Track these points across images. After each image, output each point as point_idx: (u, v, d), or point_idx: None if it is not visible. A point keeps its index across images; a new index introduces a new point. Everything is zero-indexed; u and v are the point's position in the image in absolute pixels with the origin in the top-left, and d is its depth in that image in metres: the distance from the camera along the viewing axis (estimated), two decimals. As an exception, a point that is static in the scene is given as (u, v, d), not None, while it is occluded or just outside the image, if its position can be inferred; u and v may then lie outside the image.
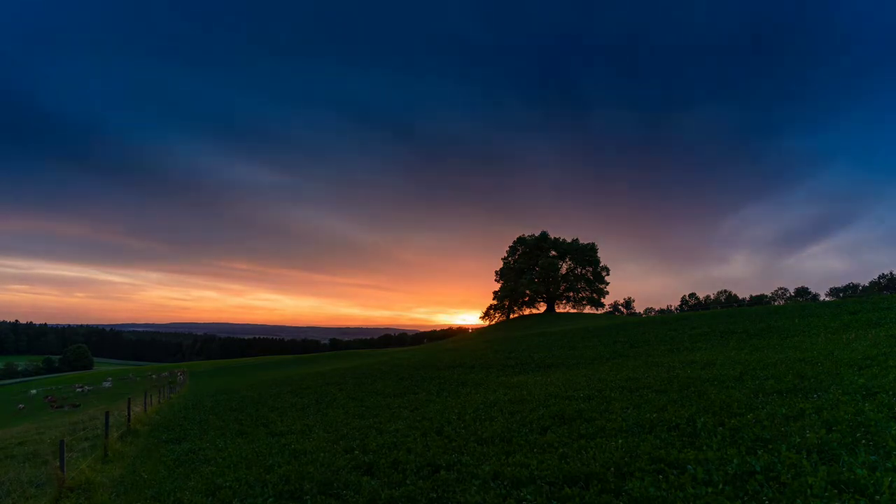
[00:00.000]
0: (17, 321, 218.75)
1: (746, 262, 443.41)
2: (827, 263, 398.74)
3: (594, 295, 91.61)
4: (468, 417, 11.27)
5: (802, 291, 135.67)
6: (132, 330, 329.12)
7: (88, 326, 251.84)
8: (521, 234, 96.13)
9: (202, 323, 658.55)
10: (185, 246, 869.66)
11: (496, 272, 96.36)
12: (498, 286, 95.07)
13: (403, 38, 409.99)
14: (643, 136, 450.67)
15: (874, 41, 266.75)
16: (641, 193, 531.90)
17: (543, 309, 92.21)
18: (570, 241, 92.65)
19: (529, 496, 6.07)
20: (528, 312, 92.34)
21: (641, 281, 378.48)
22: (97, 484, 9.49)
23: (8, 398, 53.38)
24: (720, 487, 5.44)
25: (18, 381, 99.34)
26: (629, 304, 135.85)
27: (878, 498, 4.72)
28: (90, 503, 8.58)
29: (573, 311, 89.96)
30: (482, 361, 24.54)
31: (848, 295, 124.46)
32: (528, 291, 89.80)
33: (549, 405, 11.22)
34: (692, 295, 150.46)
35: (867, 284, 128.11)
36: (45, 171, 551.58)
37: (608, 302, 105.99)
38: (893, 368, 9.99)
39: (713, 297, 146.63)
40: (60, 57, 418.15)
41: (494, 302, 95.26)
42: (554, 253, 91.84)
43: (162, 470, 10.19)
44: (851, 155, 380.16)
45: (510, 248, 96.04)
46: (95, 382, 59.94)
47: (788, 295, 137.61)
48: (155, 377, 58.51)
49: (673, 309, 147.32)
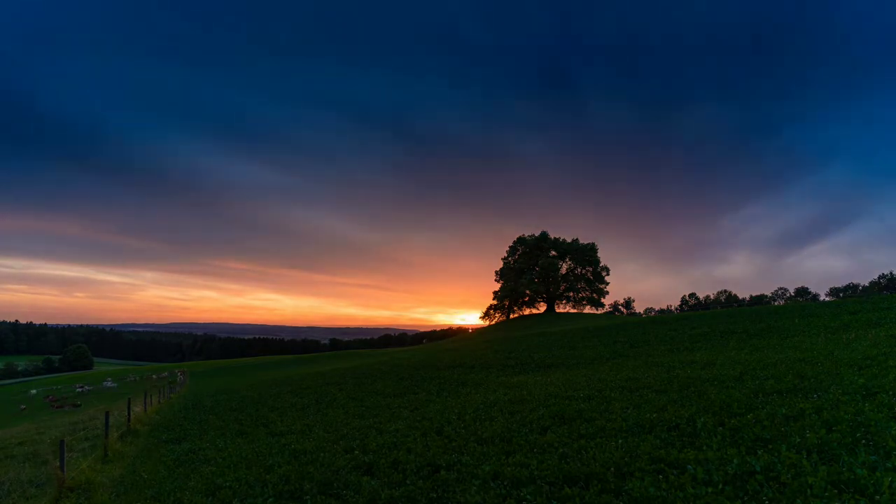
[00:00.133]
0: (17, 321, 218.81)
1: (746, 261, 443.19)
2: (827, 263, 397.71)
3: (594, 295, 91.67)
4: (468, 417, 11.27)
5: (802, 291, 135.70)
6: (132, 330, 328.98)
7: (88, 326, 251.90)
8: (521, 233, 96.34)
9: (202, 323, 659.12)
10: (183, 246, 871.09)
11: (496, 272, 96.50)
12: (498, 286, 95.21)
13: (403, 37, 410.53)
14: (643, 135, 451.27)
15: (874, 39, 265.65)
16: (641, 193, 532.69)
17: (543, 309, 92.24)
18: (570, 241, 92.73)
19: (529, 496, 6.07)
20: (528, 312, 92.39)
21: (641, 281, 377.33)
22: (97, 484, 9.49)
23: (8, 398, 53.38)
24: (720, 487, 5.44)
25: (18, 381, 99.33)
26: (629, 304, 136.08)
27: (878, 498, 4.72)
28: (90, 503, 8.58)
29: (573, 311, 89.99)
30: (482, 361, 24.54)
31: (848, 295, 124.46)
32: (528, 291, 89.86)
33: (549, 405, 11.22)
34: (692, 295, 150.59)
35: (867, 284, 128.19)
36: (43, 170, 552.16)
37: (608, 302, 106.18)
38: (893, 368, 9.99)
39: (713, 297, 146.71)
40: (60, 57, 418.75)
41: (494, 302, 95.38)
42: (554, 253, 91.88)
43: (162, 470, 10.19)
44: (851, 154, 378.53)
45: (510, 248, 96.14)
46: (95, 382, 59.95)
47: (788, 295, 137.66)
48: (155, 377, 58.51)
49: (673, 309, 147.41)
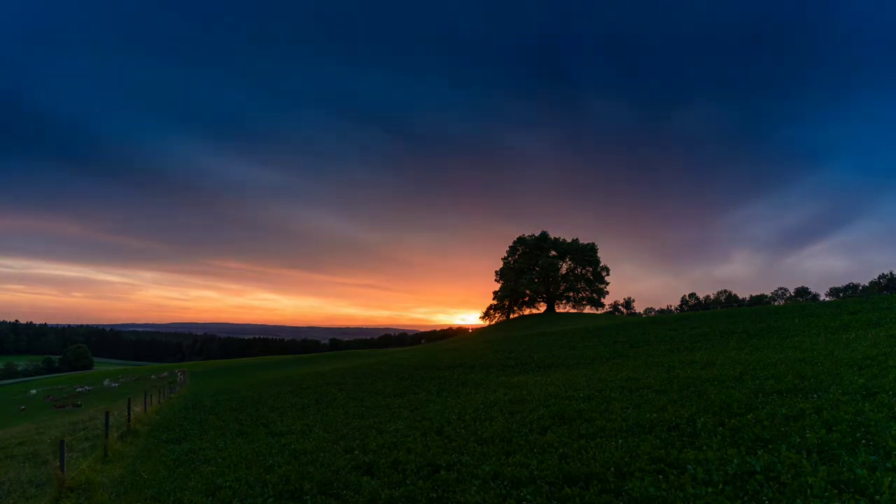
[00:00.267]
0: (17, 321, 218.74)
1: (747, 261, 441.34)
2: (827, 263, 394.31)
3: (594, 295, 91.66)
4: (468, 417, 11.27)
5: (802, 291, 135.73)
6: (132, 330, 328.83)
7: (88, 326, 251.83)
8: (520, 233, 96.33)
9: (202, 323, 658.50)
10: (183, 246, 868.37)
11: (496, 272, 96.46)
12: (498, 286, 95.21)
13: (402, 37, 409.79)
14: (643, 134, 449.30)
15: (875, 38, 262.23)
16: (641, 192, 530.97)
17: (543, 309, 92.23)
18: (570, 241, 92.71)
19: (529, 496, 6.07)
20: (528, 312, 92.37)
21: (641, 281, 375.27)
22: (97, 484, 9.49)
23: (8, 398, 53.39)
24: (720, 487, 5.44)
25: (18, 381, 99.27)
26: (629, 304, 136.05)
27: (878, 498, 4.72)
28: (90, 503, 8.58)
29: (573, 311, 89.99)
30: (482, 361, 24.54)
31: (848, 295, 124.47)
32: (528, 291, 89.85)
33: (549, 405, 11.22)
34: (692, 295, 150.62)
35: (867, 284, 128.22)
36: (42, 170, 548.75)
37: (608, 302, 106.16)
38: (893, 368, 9.99)
39: (713, 297, 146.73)
40: (59, 57, 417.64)
41: (494, 302, 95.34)
42: (554, 253, 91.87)
43: (162, 470, 10.19)
44: (852, 153, 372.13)
45: (510, 248, 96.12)
46: (95, 382, 59.95)
47: (788, 295, 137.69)
48: (155, 377, 58.52)
49: (673, 309, 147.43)
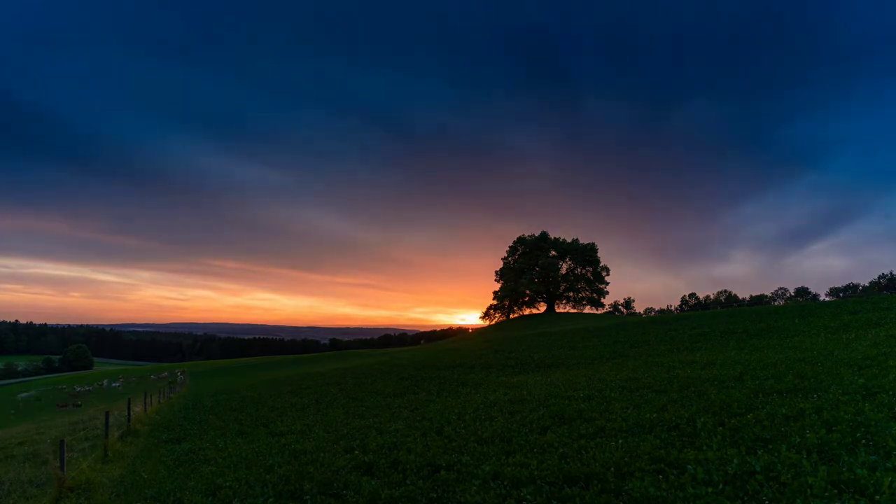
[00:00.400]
0: (16, 321, 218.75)
1: (747, 260, 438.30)
2: (828, 262, 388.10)
3: (594, 295, 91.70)
4: (468, 417, 11.27)
5: (802, 291, 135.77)
6: (132, 330, 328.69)
7: (88, 326, 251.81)
8: (520, 233, 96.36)
9: (202, 323, 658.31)
10: (180, 245, 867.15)
11: (496, 272, 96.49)
12: (498, 286, 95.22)
13: (401, 36, 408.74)
14: (642, 132, 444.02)
15: (877, 34, 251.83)
16: (641, 191, 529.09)
17: (543, 309, 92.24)
18: (570, 241, 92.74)
19: (529, 496, 6.06)
20: (528, 312, 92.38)
21: (641, 281, 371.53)
22: (97, 484, 9.49)
23: (8, 398, 53.42)
24: (720, 487, 5.44)
25: (18, 381, 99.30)
26: (629, 304, 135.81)
27: (878, 498, 4.72)
28: (90, 503, 8.58)
29: (573, 311, 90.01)
30: (482, 361, 24.54)
31: (848, 295, 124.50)
32: (528, 291, 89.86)
33: (549, 405, 11.22)
34: (692, 295, 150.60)
35: (867, 284, 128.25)
36: (40, 170, 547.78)
37: (608, 302, 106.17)
38: (893, 368, 9.99)
39: (713, 297, 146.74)
40: (57, 57, 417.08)
41: (494, 302, 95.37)
42: (554, 253, 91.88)
43: (162, 470, 10.18)
44: (854, 150, 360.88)
45: (510, 248, 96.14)
46: (93, 383, 59.94)
47: (788, 295, 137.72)
48: (155, 377, 58.51)
49: (673, 309, 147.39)
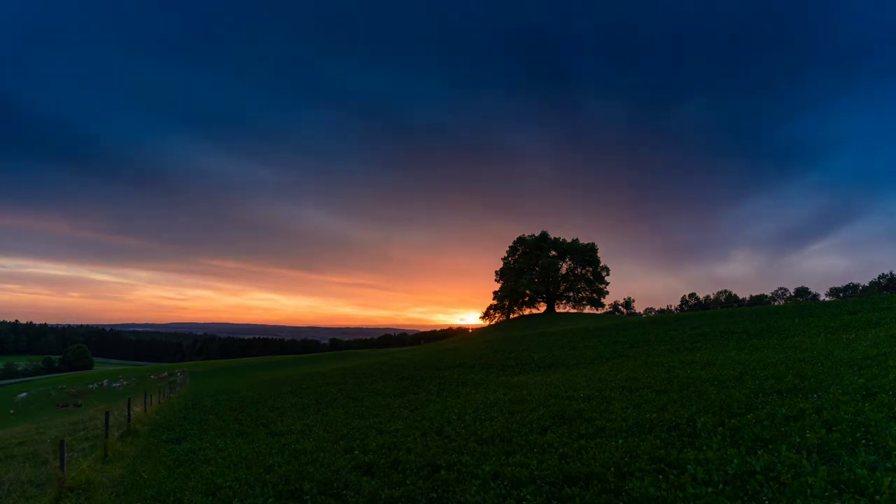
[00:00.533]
0: (17, 321, 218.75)
1: (747, 260, 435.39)
2: (829, 261, 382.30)
3: (594, 295, 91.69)
4: (468, 417, 11.27)
5: (802, 291, 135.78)
6: (132, 330, 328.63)
7: (88, 326, 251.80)
8: (520, 232, 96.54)
9: (202, 323, 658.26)
10: (177, 245, 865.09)
11: (496, 272, 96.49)
12: (498, 286, 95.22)
13: (400, 35, 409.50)
14: (641, 132, 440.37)
15: (878, 30, 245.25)
16: (641, 190, 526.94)
17: (543, 309, 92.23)
18: (570, 241, 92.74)
19: (529, 496, 6.06)
20: (528, 312, 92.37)
21: (641, 281, 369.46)
22: (97, 484, 9.49)
23: (8, 398, 53.45)
24: (720, 487, 5.44)
25: (18, 381, 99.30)
26: (629, 304, 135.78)
27: (878, 498, 4.72)
28: (90, 503, 8.58)
29: (573, 311, 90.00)
30: (482, 361, 24.54)
31: (848, 295, 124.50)
32: (528, 291, 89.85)
33: (549, 405, 11.21)
34: (692, 295, 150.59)
35: (867, 284, 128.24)
36: (36, 170, 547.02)
37: (608, 302, 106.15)
38: (893, 368, 9.98)
39: (713, 297, 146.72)
40: (57, 57, 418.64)
41: (494, 302, 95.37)
42: (554, 253, 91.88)
43: (162, 470, 10.18)
44: (856, 148, 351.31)
45: (510, 247, 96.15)
46: (93, 382, 59.92)
47: (788, 295, 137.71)
48: (155, 377, 58.50)
49: (673, 309, 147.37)
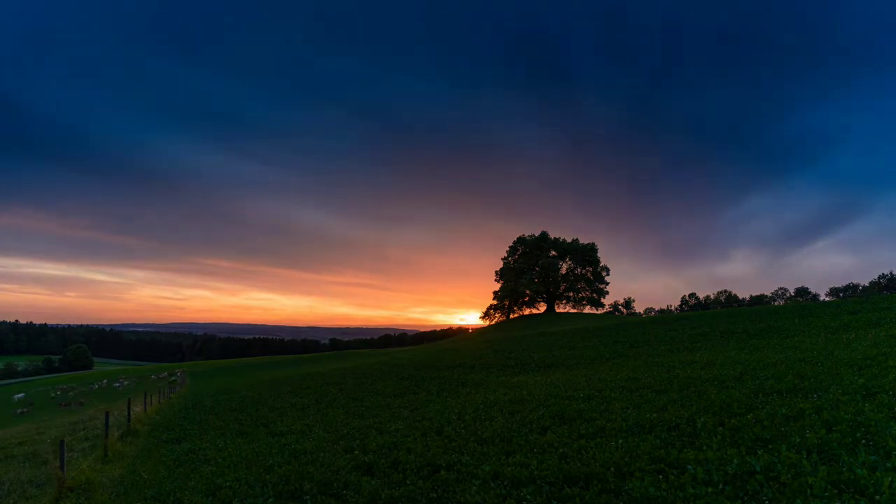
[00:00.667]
0: (17, 321, 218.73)
1: (747, 259, 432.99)
2: (831, 260, 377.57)
3: (594, 295, 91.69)
4: (468, 417, 11.27)
5: (802, 291, 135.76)
6: (132, 330, 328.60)
7: (88, 326, 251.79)
8: (519, 232, 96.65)
9: (201, 323, 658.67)
10: (174, 245, 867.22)
11: (496, 272, 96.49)
12: (498, 286, 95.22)
13: (399, 34, 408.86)
14: (640, 129, 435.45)
15: (884, 19, 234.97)
16: (640, 189, 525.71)
17: (543, 309, 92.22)
18: (570, 241, 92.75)
19: (529, 496, 6.06)
20: (528, 312, 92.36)
21: (641, 281, 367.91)
22: (97, 484, 9.49)
23: (8, 398, 53.44)
24: (720, 487, 5.44)
25: (18, 381, 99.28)
26: (629, 304, 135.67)
27: (878, 498, 4.72)
28: (90, 503, 8.58)
29: (573, 311, 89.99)
30: (482, 361, 24.54)
31: (848, 295, 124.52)
32: (528, 291, 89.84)
33: (549, 405, 11.22)
34: (692, 295, 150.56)
35: (867, 284, 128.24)
36: (32, 169, 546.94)
37: (608, 302, 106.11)
38: (893, 368, 9.98)
39: (713, 297, 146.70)
40: (53, 56, 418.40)
41: (494, 302, 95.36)
42: (554, 253, 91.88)
43: (162, 470, 10.18)
44: (858, 143, 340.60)
45: (510, 248, 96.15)
46: (93, 382, 59.92)
47: (788, 295, 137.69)
48: (155, 377, 58.50)
49: (673, 309, 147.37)
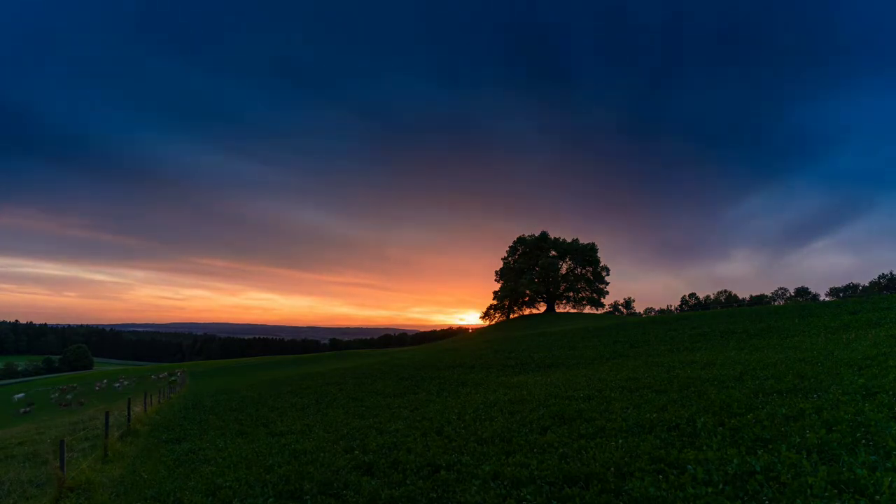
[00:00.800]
0: (17, 321, 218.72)
1: (747, 259, 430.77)
2: (832, 259, 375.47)
3: (594, 295, 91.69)
4: (468, 417, 11.27)
5: (802, 291, 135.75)
6: (132, 330, 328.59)
7: (88, 326, 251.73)
8: (519, 232, 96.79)
9: (201, 323, 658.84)
10: (173, 244, 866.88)
11: (496, 272, 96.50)
12: (498, 286, 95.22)
13: (399, 35, 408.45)
14: (640, 128, 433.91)
15: (884, 17, 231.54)
16: (639, 188, 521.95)
17: (543, 309, 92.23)
18: (570, 241, 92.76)
19: (529, 496, 6.06)
20: (528, 312, 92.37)
21: (641, 281, 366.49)
22: (97, 484, 9.49)
23: (7, 398, 53.43)
24: (720, 487, 5.44)
25: (18, 381, 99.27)
26: (629, 304, 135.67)
27: (878, 498, 4.72)
28: (90, 503, 8.58)
29: (573, 311, 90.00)
30: (482, 361, 24.54)
31: (848, 295, 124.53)
32: (528, 291, 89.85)
33: (549, 405, 11.22)
34: (692, 295, 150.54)
35: (867, 284, 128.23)
36: (29, 169, 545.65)
37: (608, 302, 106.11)
38: (893, 368, 9.99)
39: (713, 297, 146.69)
40: (49, 55, 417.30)
41: (494, 302, 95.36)
42: (554, 253, 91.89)
43: (162, 470, 10.18)
44: (859, 142, 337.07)
45: (510, 248, 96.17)
46: (92, 382, 59.92)
47: (788, 295, 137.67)
48: (155, 377, 58.50)
49: (673, 309, 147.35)
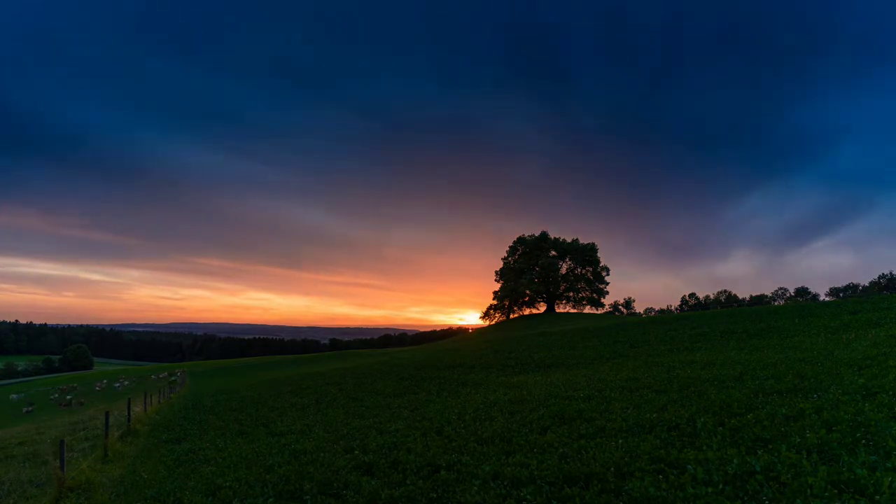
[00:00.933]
0: (17, 321, 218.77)
1: (747, 259, 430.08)
2: (832, 259, 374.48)
3: (594, 295, 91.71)
4: (468, 417, 11.27)
5: (802, 291, 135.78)
6: (132, 330, 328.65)
7: (88, 326, 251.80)
8: (519, 232, 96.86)
9: (201, 323, 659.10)
10: (171, 244, 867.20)
11: (496, 272, 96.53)
12: (498, 286, 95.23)
13: (398, 34, 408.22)
14: (640, 127, 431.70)
15: (886, 15, 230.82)
16: (639, 188, 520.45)
17: (543, 309, 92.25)
18: (570, 241, 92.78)
19: (529, 496, 6.06)
20: (528, 312, 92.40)
21: (641, 280, 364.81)
22: (97, 484, 9.49)
23: (7, 398, 53.42)
24: (720, 487, 5.44)
25: (19, 381, 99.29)
26: (629, 304, 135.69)
27: (878, 498, 4.72)
28: (90, 503, 8.58)
29: (573, 311, 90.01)
30: (482, 361, 24.54)
31: (848, 295, 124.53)
32: (528, 291, 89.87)
33: (549, 405, 11.22)
34: (692, 295, 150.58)
35: (867, 284, 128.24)
36: (26, 168, 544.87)
37: (608, 302, 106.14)
38: (893, 368, 9.99)
39: (713, 297, 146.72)
40: (49, 56, 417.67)
41: (494, 302, 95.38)
42: (554, 253, 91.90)
43: (162, 470, 10.18)
44: (859, 141, 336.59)
45: (510, 248, 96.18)
46: (92, 382, 59.92)
47: (788, 295, 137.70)
48: (155, 377, 58.50)
49: (673, 309, 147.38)
